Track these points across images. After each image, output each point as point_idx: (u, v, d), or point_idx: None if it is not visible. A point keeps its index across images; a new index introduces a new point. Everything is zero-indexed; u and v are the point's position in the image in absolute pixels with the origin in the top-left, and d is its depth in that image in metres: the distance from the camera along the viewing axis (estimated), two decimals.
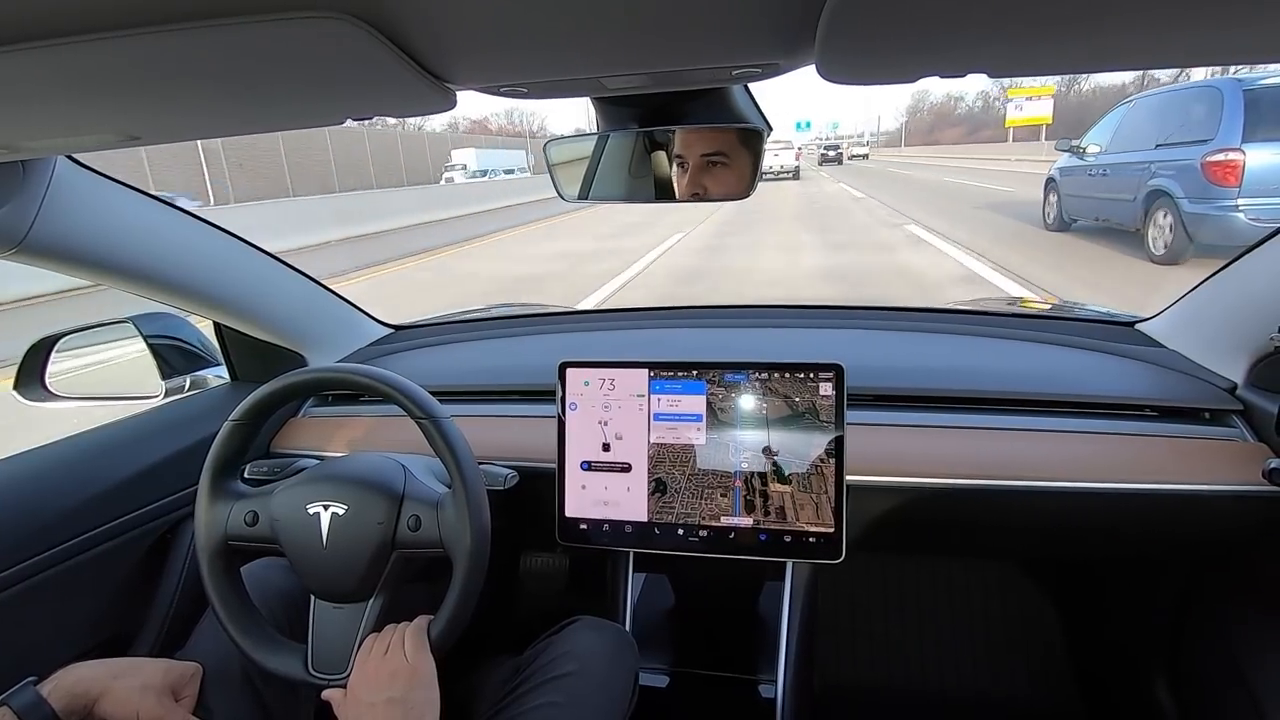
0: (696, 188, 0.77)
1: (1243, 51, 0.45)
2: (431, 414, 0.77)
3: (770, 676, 0.99)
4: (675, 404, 0.95)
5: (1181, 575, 1.11)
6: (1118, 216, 6.36)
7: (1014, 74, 0.48)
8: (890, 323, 1.28)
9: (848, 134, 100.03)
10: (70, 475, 0.92)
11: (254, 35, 0.36)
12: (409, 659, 0.71)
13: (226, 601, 0.78)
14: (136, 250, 0.90)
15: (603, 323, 1.44)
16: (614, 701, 0.81)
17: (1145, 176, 5.72)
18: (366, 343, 1.35)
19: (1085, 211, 7.17)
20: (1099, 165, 6.64)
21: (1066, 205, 7.46)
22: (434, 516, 0.77)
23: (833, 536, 0.90)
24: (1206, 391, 0.96)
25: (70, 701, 0.65)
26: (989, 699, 1.37)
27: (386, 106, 0.53)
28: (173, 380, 1.11)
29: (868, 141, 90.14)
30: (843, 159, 39.16)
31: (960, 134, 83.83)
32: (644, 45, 0.44)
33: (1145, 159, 5.79)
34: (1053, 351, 1.13)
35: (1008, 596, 1.44)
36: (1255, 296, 0.93)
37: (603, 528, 0.97)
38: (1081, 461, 0.92)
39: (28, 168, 0.73)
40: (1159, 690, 1.14)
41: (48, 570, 0.86)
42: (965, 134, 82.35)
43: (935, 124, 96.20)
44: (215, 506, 0.80)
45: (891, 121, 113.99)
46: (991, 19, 0.36)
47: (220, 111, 0.54)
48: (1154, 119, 6.00)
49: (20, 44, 0.35)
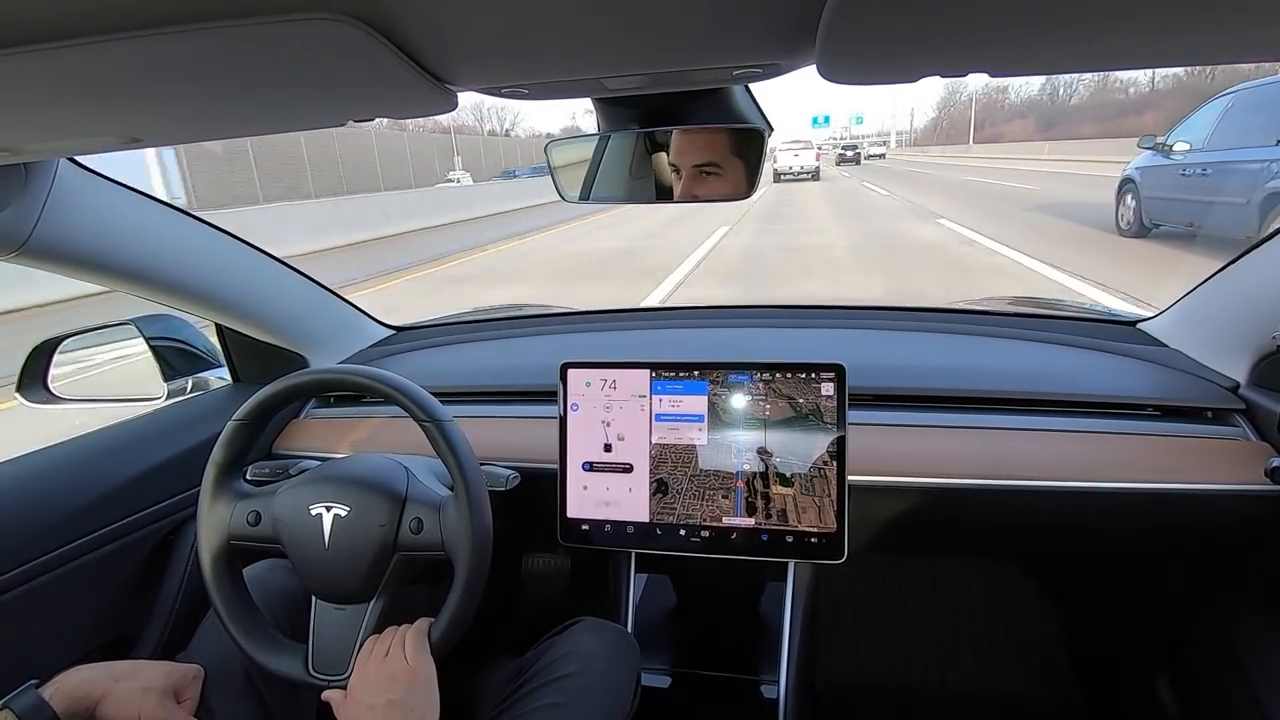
0: (688, 195, 0.78)
1: (1247, 51, 0.45)
2: (435, 417, 0.77)
3: (772, 677, 0.99)
4: (677, 404, 0.95)
5: (1183, 574, 1.11)
6: (1221, 222, 5.50)
7: (1016, 73, 0.48)
8: (892, 322, 1.28)
9: (868, 132, 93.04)
10: (73, 477, 0.93)
11: (255, 37, 0.36)
12: (409, 661, 0.71)
13: (228, 601, 0.78)
14: (138, 252, 0.90)
15: (604, 323, 1.44)
16: (616, 702, 0.81)
17: (1263, 177, 4.98)
18: (368, 344, 1.35)
19: (1174, 215, 6.34)
20: (1194, 164, 5.80)
21: (1148, 208, 6.63)
22: (436, 519, 0.77)
23: (834, 537, 0.90)
24: (1209, 391, 0.96)
25: (72, 704, 0.65)
26: (991, 698, 1.37)
27: (387, 108, 0.53)
28: (175, 382, 1.11)
29: (890, 140, 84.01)
30: (860, 159, 38.67)
31: (1027, 128, 65.62)
32: (644, 46, 0.44)
33: (1264, 158, 5.02)
34: (1055, 351, 1.13)
35: (1010, 596, 1.44)
36: (1258, 295, 0.93)
37: (604, 528, 0.97)
38: (1084, 461, 0.92)
39: (30, 170, 0.74)
40: (1161, 689, 1.14)
41: (51, 572, 0.86)
42: (1034, 129, 63.50)
43: (987, 117, 78.18)
44: (218, 506, 0.80)
45: (926, 114, 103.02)
46: (993, 18, 0.36)
47: (221, 113, 0.54)
48: (1273, 112, 5.18)
49: (22, 47, 0.36)
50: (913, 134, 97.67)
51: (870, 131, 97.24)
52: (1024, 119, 72.35)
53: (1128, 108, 55.39)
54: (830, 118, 66.46)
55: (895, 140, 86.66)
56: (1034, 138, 50.33)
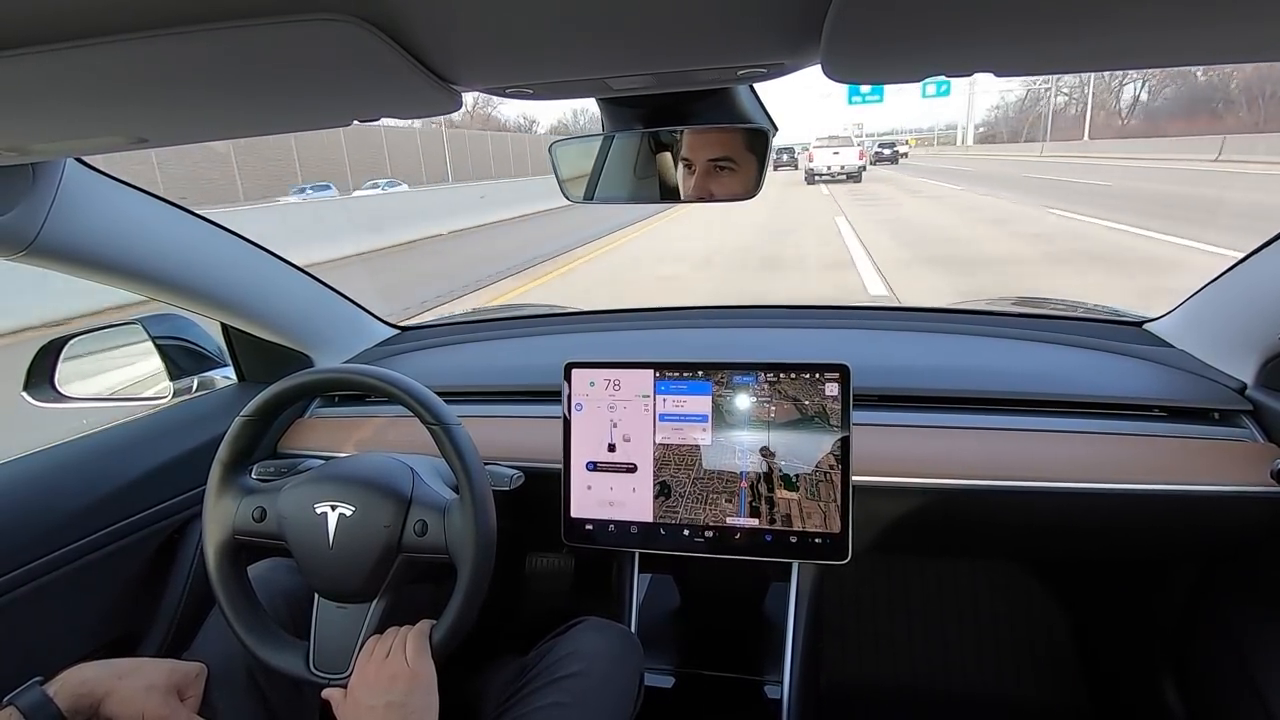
0: (702, 191, 0.78)
1: (1255, 50, 0.44)
2: (442, 420, 0.77)
3: (776, 677, 0.99)
4: (681, 404, 0.95)
5: (1190, 576, 1.10)
6: None
7: (1021, 73, 0.48)
8: (896, 323, 1.28)
9: (882, 129, 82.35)
10: (79, 476, 0.93)
11: (261, 38, 0.36)
12: (410, 663, 0.71)
13: (231, 595, 0.78)
14: (145, 252, 0.91)
15: (608, 323, 1.44)
16: (619, 702, 0.81)
17: None
18: (373, 343, 1.36)
19: None
20: None
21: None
22: (441, 523, 0.77)
23: (839, 537, 0.90)
24: (1215, 391, 0.96)
25: (76, 701, 0.65)
26: (996, 699, 1.37)
27: (392, 108, 0.53)
28: (181, 381, 1.12)
29: (962, 134, 65.88)
30: (898, 157, 35.39)
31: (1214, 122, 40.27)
32: (649, 46, 0.44)
33: None
34: (1061, 351, 1.13)
35: (1015, 597, 1.43)
36: (1264, 296, 0.92)
37: (608, 528, 0.97)
38: (1089, 462, 0.91)
39: (37, 170, 0.74)
40: (1167, 691, 1.14)
41: (56, 570, 0.87)
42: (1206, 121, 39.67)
43: (1107, 118, 52.38)
44: (224, 500, 0.80)
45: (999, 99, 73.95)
46: (998, 18, 0.36)
47: (228, 113, 0.54)
48: None
49: (28, 48, 0.36)
50: (980, 127, 71.22)
51: (885, 129, 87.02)
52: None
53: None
54: (883, 90, 57.84)
55: (970, 134, 64.83)
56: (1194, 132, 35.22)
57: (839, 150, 18.72)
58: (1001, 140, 63.60)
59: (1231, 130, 33.20)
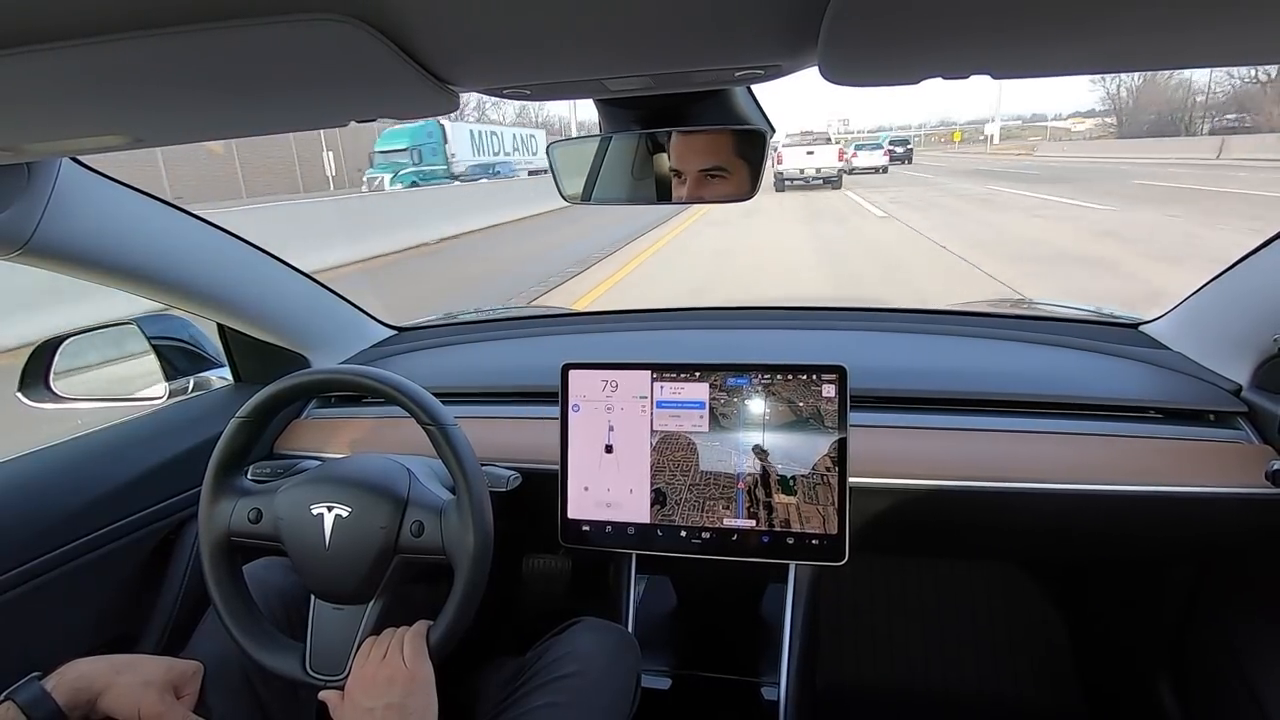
0: (693, 198, 0.78)
1: (1256, 52, 0.45)
2: (439, 420, 0.77)
3: (773, 678, 0.99)
4: (678, 406, 0.95)
5: (1185, 577, 1.10)
6: None
7: (1019, 75, 0.48)
8: (893, 324, 1.28)
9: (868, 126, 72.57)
10: (75, 476, 0.93)
11: (257, 37, 0.36)
12: (407, 664, 0.71)
13: (227, 597, 0.78)
14: (141, 252, 0.90)
15: (605, 324, 1.44)
16: (616, 703, 0.81)
17: None
18: (370, 344, 1.35)
19: None
20: None
21: None
22: (437, 524, 0.77)
23: (836, 539, 0.90)
24: (1211, 393, 0.96)
25: (73, 696, 0.65)
26: (992, 701, 1.37)
27: (389, 108, 0.53)
28: (176, 381, 1.12)
29: (989, 131, 54.97)
30: (911, 156, 30.80)
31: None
32: (646, 47, 0.44)
33: None
34: (1056, 353, 1.13)
35: (1011, 598, 1.43)
36: (1259, 298, 0.93)
37: (605, 529, 0.97)
38: (1085, 464, 0.92)
39: (33, 170, 0.74)
40: (1162, 692, 1.14)
41: (52, 571, 0.86)
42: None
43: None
44: (219, 501, 0.80)
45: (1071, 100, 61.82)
46: (996, 20, 0.36)
47: (224, 113, 0.54)
48: None
49: (25, 46, 0.36)
50: (1015, 120, 60.25)
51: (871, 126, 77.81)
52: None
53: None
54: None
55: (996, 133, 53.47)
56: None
57: (813, 150, 15.32)
58: (1123, 133, 40.61)
59: None
